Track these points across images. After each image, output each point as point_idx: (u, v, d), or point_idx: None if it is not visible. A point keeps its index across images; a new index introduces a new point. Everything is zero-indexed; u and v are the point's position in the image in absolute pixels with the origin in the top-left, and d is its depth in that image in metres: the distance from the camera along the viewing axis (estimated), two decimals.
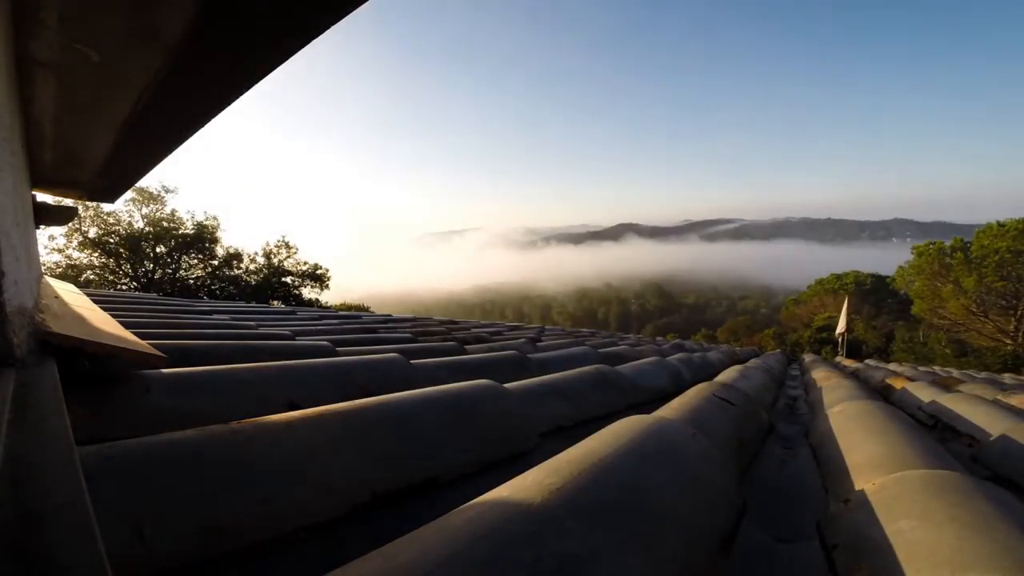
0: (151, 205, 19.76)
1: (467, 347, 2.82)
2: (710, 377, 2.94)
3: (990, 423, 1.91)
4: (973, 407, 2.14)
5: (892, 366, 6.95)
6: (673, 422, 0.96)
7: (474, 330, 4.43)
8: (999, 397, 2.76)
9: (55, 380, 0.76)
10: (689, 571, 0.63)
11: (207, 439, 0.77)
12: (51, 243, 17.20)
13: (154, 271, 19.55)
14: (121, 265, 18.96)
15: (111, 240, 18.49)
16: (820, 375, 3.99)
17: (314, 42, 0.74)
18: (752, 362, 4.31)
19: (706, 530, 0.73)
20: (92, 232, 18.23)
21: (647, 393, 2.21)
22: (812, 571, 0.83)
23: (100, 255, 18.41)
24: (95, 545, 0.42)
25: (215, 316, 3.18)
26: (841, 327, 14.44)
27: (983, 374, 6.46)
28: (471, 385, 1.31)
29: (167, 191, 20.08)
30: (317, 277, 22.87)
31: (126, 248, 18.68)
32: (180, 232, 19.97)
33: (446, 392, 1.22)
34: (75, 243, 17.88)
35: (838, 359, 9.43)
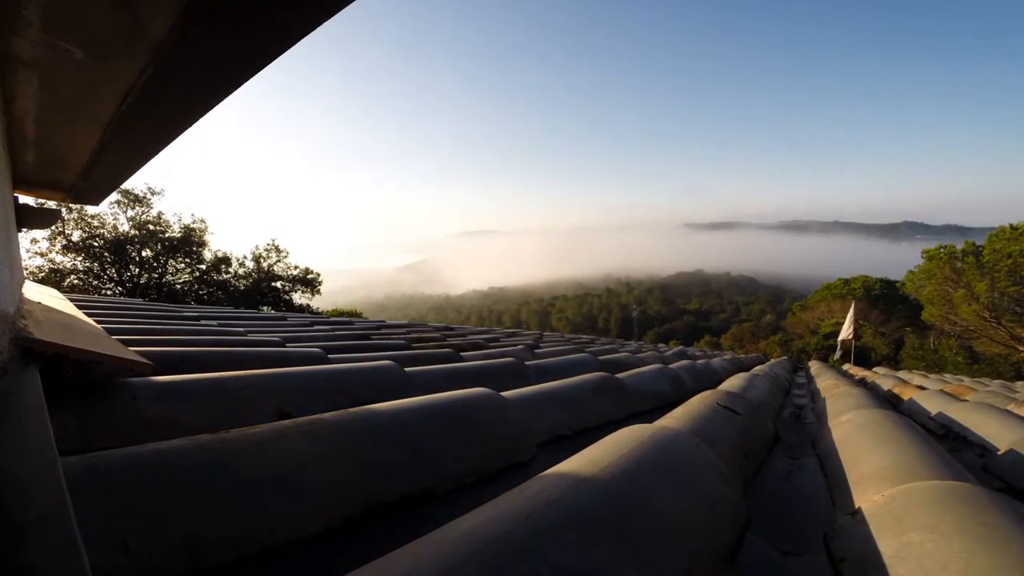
0: (137, 207, 19.47)
1: (463, 354, 2.80)
2: (714, 385, 2.94)
3: (1002, 433, 1.92)
4: (985, 416, 2.15)
5: (902, 374, 6.98)
6: (676, 432, 0.95)
7: (470, 336, 4.40)
8: (1011, 408, 2.77)
9: (38, 388, 0.75)
10: None
11: (195, 449, 0.76)
12: (34, 246, 16.89)
13: (140, 275, 19.27)
14: (106, 269, 18.67)
15: (95, 243, 18.18)
16: (827, 383, 3.97)
17: (308, 40, 0.73)
18: (757, 370, 4.31)
19: (709, 543, 0.72)
20: (76, 235, 17.92)
21: (649, 401, 2.20)
22: None
23: (84, 259, 18.10)
24: (79, 557, 0.42)
25: (203, 322, 3.14)
26: (848, 333, 14.10)
27: (995, 382, 6.52)
28: (467, 393, 1.30)
29: (153, 193, 19.77)
30: (308, 282, 22.71)
31: (111, 252, 18.38)
32: (167, 235, 19.72)
33: (442, 400, 1.20)
34: (58, 246, 17.55)
35: (846, 367, 9.43)
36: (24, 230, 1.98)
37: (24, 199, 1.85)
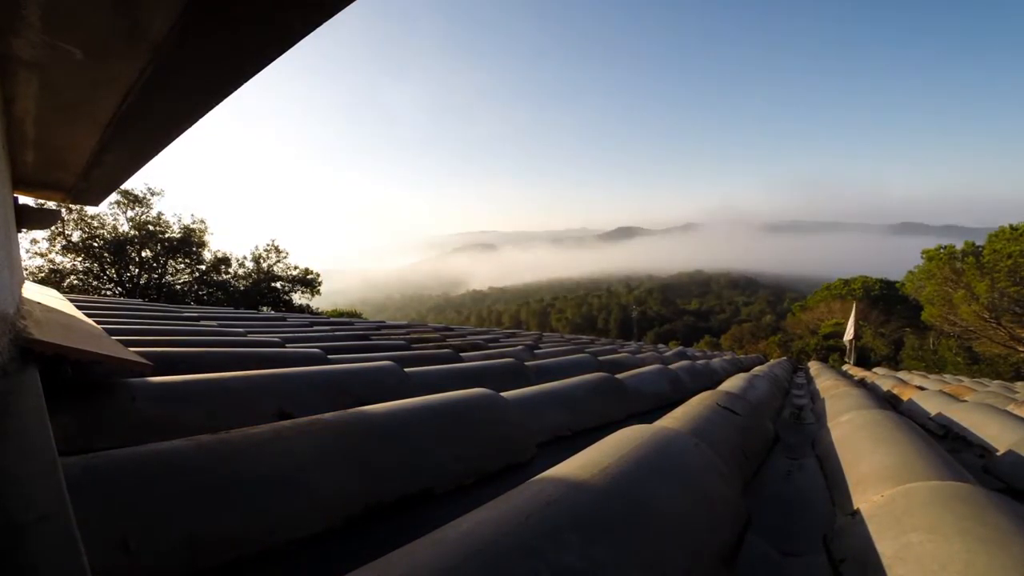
0: (136, 208, 19.45)
1: (463, 354, 2.80)
2: (713, 385, 2.94)
3: (1002, 434, 1.92)
4: (984, 417, 2.14)
5: (901, 374, 6.96)
6: (675, 432, 0.95)
7: (470, 337, 4.40)
8: (1011, 408, 2.77)
9: (37, 389, 0.75)
10: None
11: (195, 449, 0.76)
12: (33, 247, 16.87)
13: (139, 276, 19.26)
14: (105, 270, 18.65)
15: (95, 244, 18.17)
16: (827, 384, 3.95)
17: (305, 41, 0.73)
18: (757, 370, 4.31)
19: (709, 543, 0.71)
20: (76, 236, 17.90)
21: (648, 402, 2.21)
22: None
23: (84, 259, 18.09)
24: (79, 557, 0.42)
25: (202, 322, 3.14)
26: (849, 334, 14.05)
27: (995, 383, 6.50)
28: (467, 394, 1.29)
29: (153, 193, 19.75)
30: (308, 282, 22.70)
31: (111, 252, 18.37)
32: (166, 236, 19.71)
33: (441, 401, 1.20)
34: (58, 247, 17.54)
35: (846, 367, 9.42)
36: (24, 230, 1.98)
37: (24, 199, 1.85)
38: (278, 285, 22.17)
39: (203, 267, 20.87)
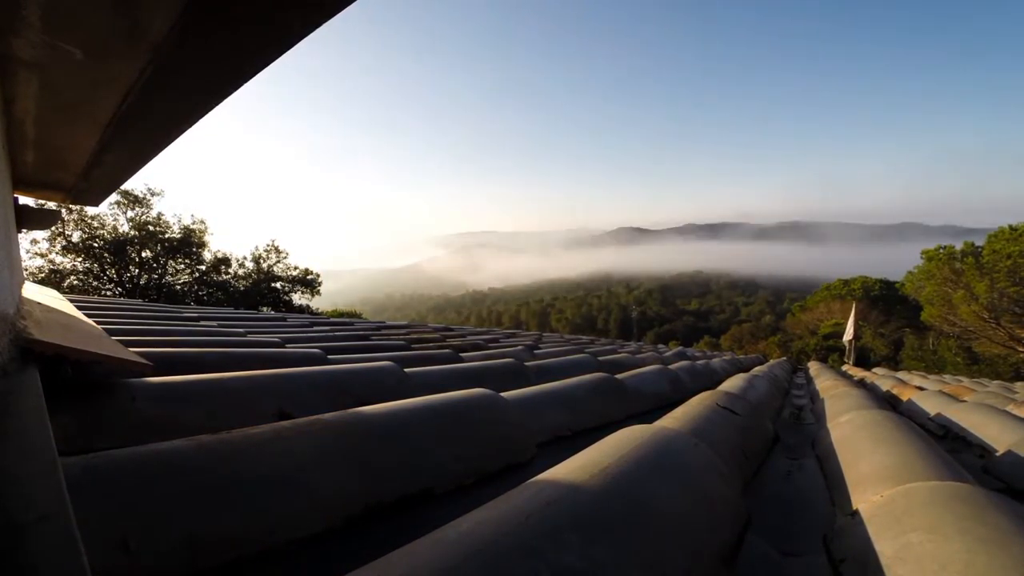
0: (136, 208, 19.45)
1: (463, 355, 2.80)
2: (713, 386, 2.95)
3: (1001, 434, 1.92)
4: (984, 417, 2.15)
5: (901, 374, 6.95)
6: (675, 432, 0.95)
7: (470, 337, 4.40)
8: (1010, 408, 2.77)
9: (38, 389, 0.75)
10: None
11: (195, 449, 0.76)
12: (34, 247, 16.88)
13: (139, 276, 19.27)
14: (105, 270, 18.66)
15: (95, 244, 18.17)
16: (827, 384, 3.96)
17: (305, 41, 0.73)
18: (756, 370, 4.31)
19: (709, 543, 0.71)
20: (76, 236, 17.91)
21: (648, 402, 2.21)
22: None
23: (84, 260, 18.09)
24: (79, 557, 0.42)
25: (202, 323, 3.14)
26: (849, 334, 14.04)
27: (994, 383, 6.49)
28: (467, 394, 1.29)
29: (153, 194, 19.76)
30: (308, 283, 22.71)
31: (111, 252, 18.37)
32: (166, 236, 19.72)
33: (441, 401, 1.20)
34: (58, 247, 17.54)
35: (845, 367, 9.43)
36: (24, 231, 1.98)
37: (24, 200, 1.85)
38: (278, 285, 22.18)
39: (203, 267, 20.87)
